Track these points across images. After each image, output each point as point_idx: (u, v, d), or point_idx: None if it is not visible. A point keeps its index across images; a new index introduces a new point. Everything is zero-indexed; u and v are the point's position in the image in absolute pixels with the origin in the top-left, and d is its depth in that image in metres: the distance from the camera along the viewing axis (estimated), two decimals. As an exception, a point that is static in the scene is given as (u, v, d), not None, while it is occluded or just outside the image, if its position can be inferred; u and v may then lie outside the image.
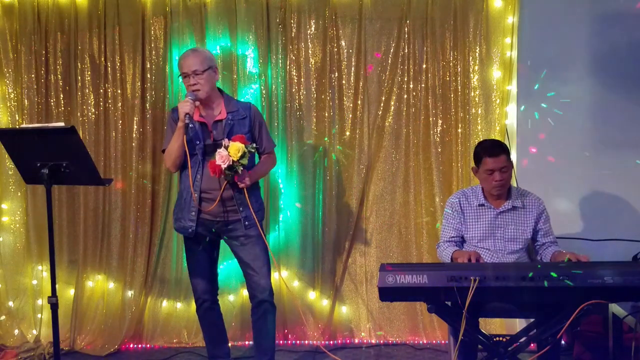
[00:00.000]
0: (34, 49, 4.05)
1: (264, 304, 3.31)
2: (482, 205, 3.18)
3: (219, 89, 3.36)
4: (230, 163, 3.07)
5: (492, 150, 3.09)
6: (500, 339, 2.79)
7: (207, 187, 3.21)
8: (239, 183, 3.18)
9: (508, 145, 3.35)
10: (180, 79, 3.27)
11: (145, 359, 3.97)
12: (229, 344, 3.57)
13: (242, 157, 3.08)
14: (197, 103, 3.19)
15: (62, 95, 4.10)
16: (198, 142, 3.20)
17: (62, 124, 3.05)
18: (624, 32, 3.92)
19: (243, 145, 3.08)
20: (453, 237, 3.22)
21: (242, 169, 3.11)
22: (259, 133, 3.35)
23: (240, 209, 3.23)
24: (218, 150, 3.10)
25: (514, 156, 3.91)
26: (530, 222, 3.17)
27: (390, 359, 3.91)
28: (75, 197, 4.14)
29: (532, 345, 2.99)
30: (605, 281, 2.43)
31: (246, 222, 3.24)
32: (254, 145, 3.19)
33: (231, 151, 3.07)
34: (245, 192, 3.19)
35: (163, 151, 3.33)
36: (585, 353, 3.64)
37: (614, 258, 3.27)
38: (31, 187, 4.04)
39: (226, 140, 3.13)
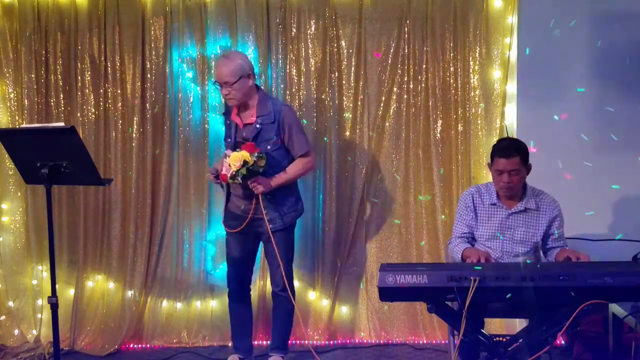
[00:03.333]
0: (34, 49, 4.05)
1: (277, 296, 3.57)
2: (494, 204, 3.16)
3: (257, 87, 3.45)
4: (233, 173, 3.17)
5: (504, 151, 3.04)
6: (500, 339, 2.80)
7: (234, 186, 3.40)
8: (253, 189, 3.27)
9: None
10: (215, 85, 3.39)
11: (145, 359, 3.97)
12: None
13: (242, 166, 3.16)
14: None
15: (62, 95, 4.10)
16: (229, 140, 3.29)
17: (62, 124, 3.06)
18: (624, 32, 3.92)
19: (247, 155, 3.15)
20: (465, 233, 3.21)
21: (241, 178, 3.19)
22: (289, 137, 3.39)
23: (265, 211, 3.34)
24: (224, 159, 3.24)
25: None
26: (542, 225, 3.14)
27: (390, 359, 3.91)
28: (75, 197, 4.14)
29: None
30: (605, 281, 2.43)
31: (271, 225, 3.37)
32: (258, 154, 3.21)
33: (231, 161, 3.17)
34: (261, 197, 3.31)
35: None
36: (585, 353, 3.64)
37: (614, 258, 3.27)
38: (31, 187, 4.04)
39: (228, 150, 3.26)
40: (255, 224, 3.43)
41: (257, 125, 3.31)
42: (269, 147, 3.32)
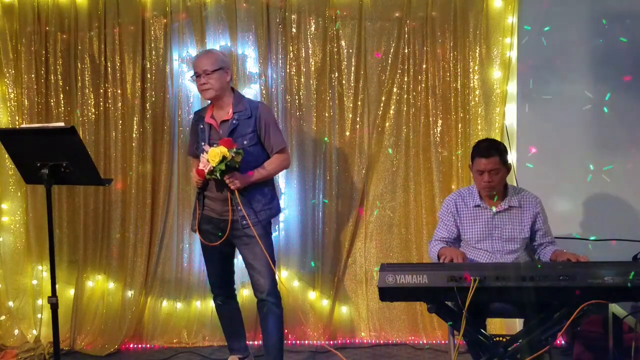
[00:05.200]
0: (34, 49, 4.05)
1: (265, 303, 3.35)
2: (478, 206, 3.18)
3: (232, 89, 3.40)
4: (211, 168, 3.13)
5: (484, 151, 3.08)
6: (500, 339, 2.79)
7: (210, 187, 3.32)
8: (230, 185, 3.20)
9: (508, 146, 3.33)
10: (194, 78, 3.32)
11: (145, 359, 3.98)
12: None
13: (221, 161, 3.10)
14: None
15: (62, 95, 4.10)
16: (203, 144, 3.23)
17: (62, 124, 3.06)
18: (624, 32, 3.92)
19: (225, 150, 3.10)
20: (444, 237, 3.23)
21: (219, 173, 3.12)
22: (266, 132, 3.34)
23: (238, 208, 3.24)
24: (201, 155, 3.17)
25: (513, 156, 3.91)
26: (527, 221, 3.17)
27: (390, 359, 3.91)
28: (75, 197, 4.14)
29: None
30: (605, 281, 2.43)
31: (244, 222, 3.26)
32: (236, 149, 3.15)
33: (210, 156, 3.12)
34: (237, 193, 3.21)
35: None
36: (585, 353, 3.64)
37: (614, 258, 3.26)
38: (31, 187, 4.04)
39: (207, 145, 3.20)
40: (233, 227, 3.30)
41: (234, 121, 3.27)
42: (245, 142, 3.26)
